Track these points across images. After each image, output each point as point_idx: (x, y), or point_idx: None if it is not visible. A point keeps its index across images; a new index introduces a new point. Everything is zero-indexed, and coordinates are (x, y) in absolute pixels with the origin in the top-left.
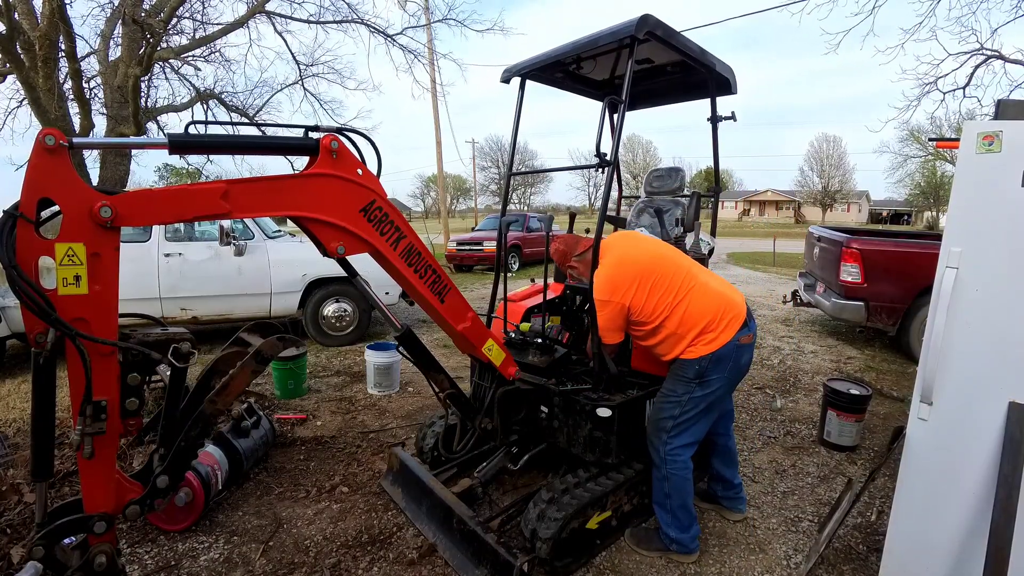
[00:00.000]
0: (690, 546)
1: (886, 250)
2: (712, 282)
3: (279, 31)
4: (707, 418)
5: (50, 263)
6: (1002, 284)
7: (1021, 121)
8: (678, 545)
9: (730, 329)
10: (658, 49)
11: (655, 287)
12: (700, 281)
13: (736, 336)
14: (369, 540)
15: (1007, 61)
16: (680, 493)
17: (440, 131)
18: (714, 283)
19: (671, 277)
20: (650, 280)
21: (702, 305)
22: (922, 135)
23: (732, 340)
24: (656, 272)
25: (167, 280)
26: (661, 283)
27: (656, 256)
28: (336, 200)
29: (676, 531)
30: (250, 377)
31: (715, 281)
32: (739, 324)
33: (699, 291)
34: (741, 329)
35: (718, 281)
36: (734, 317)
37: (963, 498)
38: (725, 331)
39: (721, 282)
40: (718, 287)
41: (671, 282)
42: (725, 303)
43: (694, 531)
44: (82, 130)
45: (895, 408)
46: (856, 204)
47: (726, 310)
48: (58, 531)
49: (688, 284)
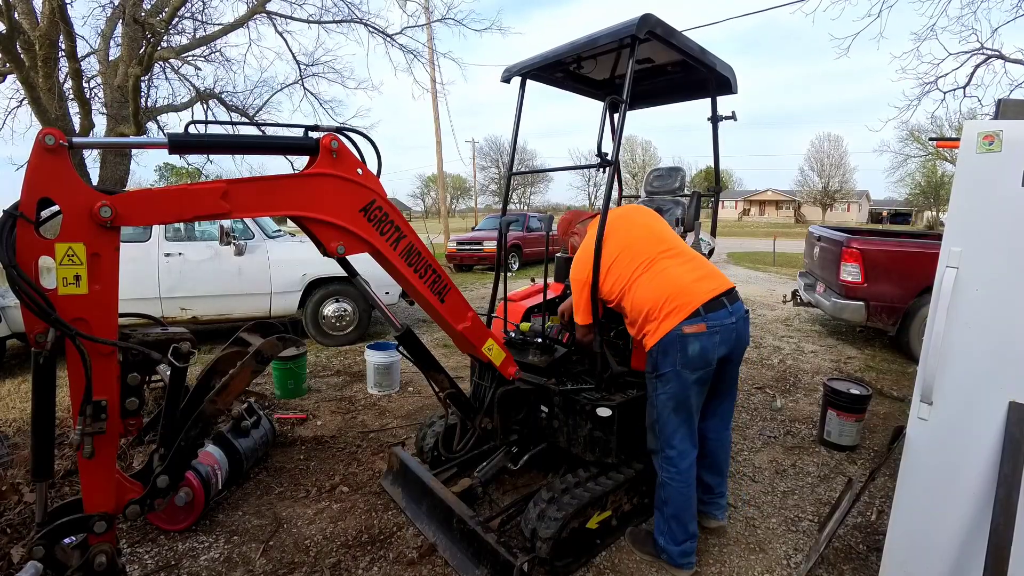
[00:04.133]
0: (678, 561)
1: (886, 250)
2: (675, 268)
3: (279, 31)
4: (679, 420)
5: (50, 263)
6: (1002, 284)
7: (1021, 121)
8: (667, 556)
9: (672, 317)
10: (658, 49)
11: (616, 263)
12: (659, 265)
13: (680, 324)
14: (369, 540)
15: (1007, 61)
16: (675, 503)
17: (440, 130)
18: (677, 269)
19: (632, 256)
20: (613, 257)
21: (648, 291)
22: (922, 135)
23: (675, 329)
24: (622, 249)
25: (167, 280)
26: (621, 261)
27: (632, 234)
28: (336, 200)
29: (665, 541)
30: (250, 377)
31: (682, 267)
32: (685, 312)
33: (652, 275)
34: (690, 318)
35: (688, 267)
36: (679, 305)
37: (963, 498)
38: (667, 319)
39: (692, 268)
40: (679, 273)
41: (630, 261)
42: (673, 290)
43: (685, 548)
44: (82, 130)
45: (895, 408)
46: (856, 204)
47: (670, 297)
48: (58, 531)
49: (645, 266)
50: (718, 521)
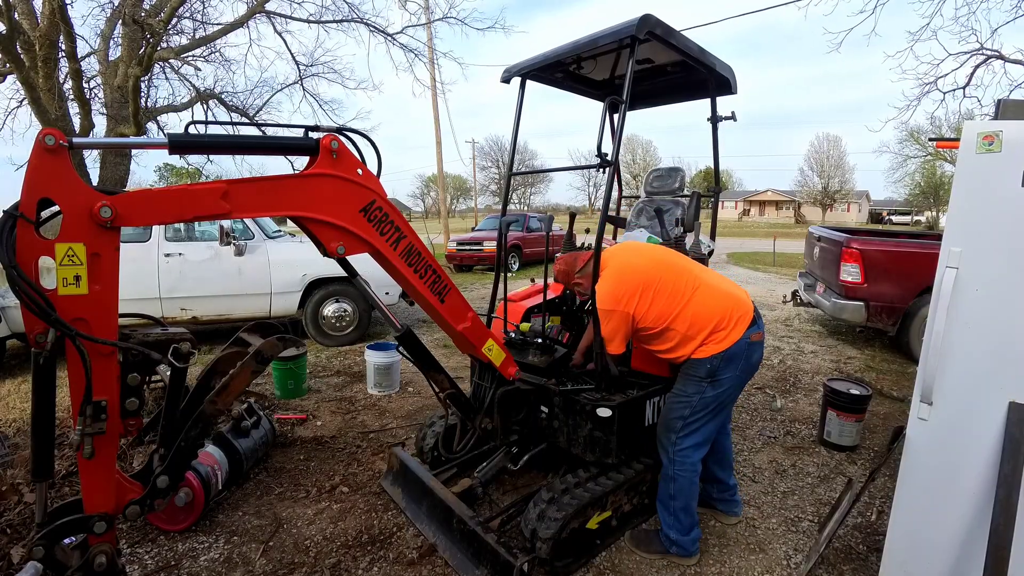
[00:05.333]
0: (690, 549)
1: (886, 250)
2: (717, 281)
3: (279, 31)
4: (717, 418)
5: (50, 263)
6: (1002, 284)
7: (1021, 121)
8: (678, 548)
9: (740, 326)
10: (658, 49)
11: (659, 293)
12: (705, 281)
13: (747, 333)
14: (369, 540)
15: (1007, 61)
16: (684, 495)
17: (440, 130)
18: (719, 282)
19: (674, 281)
20: (653, 287)
21: (711, 305)
22: (922, 135)
23: (743, 337)
24: (658, 278)
25: (167, 280)
26: (664, 288)
27: (657, 262)
28: (336, 200)
29: (676, 533)
30: (250, 377)
31: (720, 280)
32: (748, 321)
33: (705, 291)
34: (751, 326)
35: (723, 280)
36: (743, 315)
37: (963, 498)
38: (735, 328)
39: (726, 281)
40: (724, 286)
41: (675, 286)
42: (733, 301)
43: (695, 534)
44: (82, 130)
45: (895, 408)
46: (856, 204)
47: (735, 308)
48: (58, 531)
49: (693, 285)
50: (737, 517)
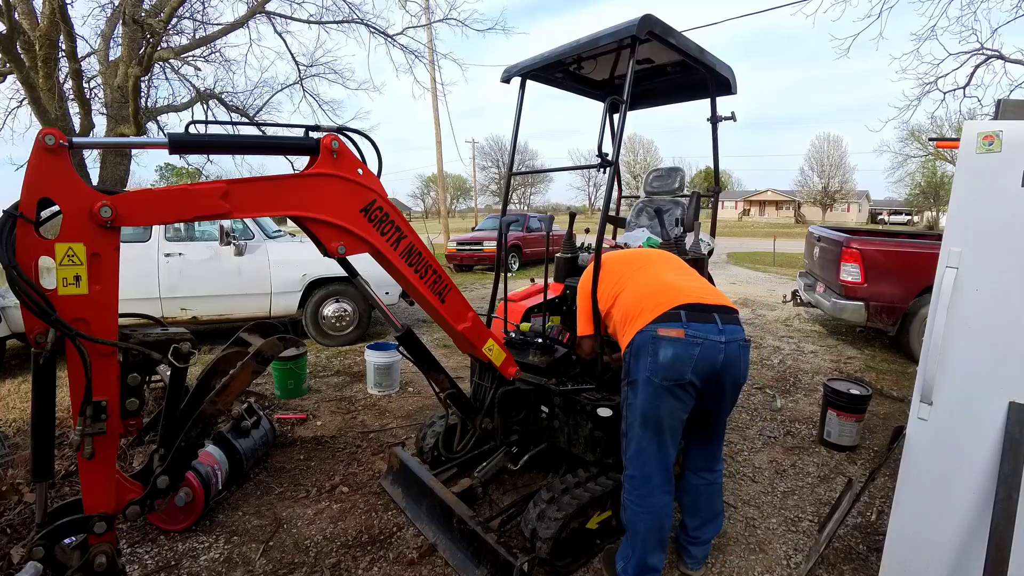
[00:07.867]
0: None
1: (886, 250)
2: (668, 273)
3: (279, 31)
4: (647, 438)
5: (50, 263)
6: (1002, 284)
7: (1021, 121)
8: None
9: (646, 316)
10: (658, 49)
11: (610, 273)
12: (650, 272)
13: (654, 325)
14: (369, 540)
15: (1007, 61)
16: (635, 531)
17: (440, 131)
18: (670, 275)
19: (624, 266)
20: (610, 270)
21: (639, 292)
22: (922, 135)
23: (647, 328)
24: (616, 262)
25: (167, 280)
26: (614, 271)
27: (628, 254)
28: (336, 200)
29: (622, 566)
30: (250, 377)
31: (673, 275)
32: (661, 310)
33: (644, 276)
34: (664, 320)
35: (682, 277)
36: (658, 304)
37: (963, 498)
38: (640, 317)
39: (690, 278)
40: (668, 276)
41: (623, 270)
42: (655, 290)
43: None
44: (82, 130)
45: (895, 408)
46: (856, 204)
47: (650, 296)
48: (58, 531)
49: (636, 273)
50: (690, 572)
